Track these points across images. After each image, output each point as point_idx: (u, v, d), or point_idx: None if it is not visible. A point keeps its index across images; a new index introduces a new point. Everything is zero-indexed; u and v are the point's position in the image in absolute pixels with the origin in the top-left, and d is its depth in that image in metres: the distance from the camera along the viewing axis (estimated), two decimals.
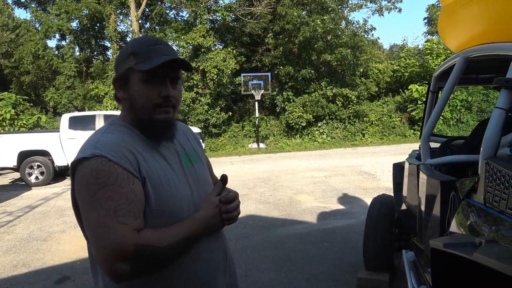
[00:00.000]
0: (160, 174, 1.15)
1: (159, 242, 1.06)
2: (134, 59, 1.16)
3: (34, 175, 9.80)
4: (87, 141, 1.16)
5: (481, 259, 1.12)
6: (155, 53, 1.15)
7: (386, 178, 8.05)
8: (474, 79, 3.34)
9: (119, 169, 1.07)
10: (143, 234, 1.05)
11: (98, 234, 1.03)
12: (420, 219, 2.47)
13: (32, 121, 15.75)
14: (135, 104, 1.18)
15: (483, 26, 2.08)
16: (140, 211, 1.09)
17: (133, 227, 1.04)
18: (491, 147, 1.63)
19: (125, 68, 1.18)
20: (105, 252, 1.02)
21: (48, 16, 18.08)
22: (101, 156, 1.07)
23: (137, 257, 1.02)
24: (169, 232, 1.10)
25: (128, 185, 1.07)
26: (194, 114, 16.21)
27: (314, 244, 4.61)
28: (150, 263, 1.06)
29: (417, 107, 16.69)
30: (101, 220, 1.02)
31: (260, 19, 17.07)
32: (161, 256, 1.07)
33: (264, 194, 7.43)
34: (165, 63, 1.13)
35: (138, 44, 1.20)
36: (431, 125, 2.65)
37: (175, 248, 1.09)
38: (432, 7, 22.97)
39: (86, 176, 1.06)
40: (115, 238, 1.01)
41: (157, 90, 1.15)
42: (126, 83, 1.18)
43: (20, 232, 5.72)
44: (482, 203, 1.55)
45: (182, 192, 1.19)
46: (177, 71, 1.20)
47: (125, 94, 1.19)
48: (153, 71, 1.13)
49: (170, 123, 1.20)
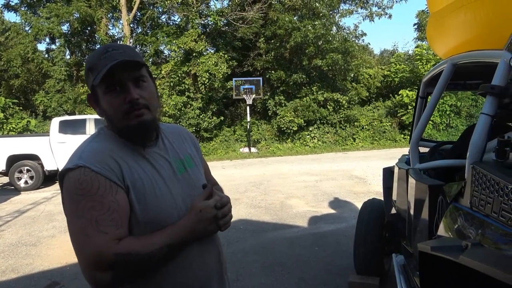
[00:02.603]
0: (145, 181, 1.15)
1: (140, 250, 1.05)
2: (91, 75, 1.15)
3: (24, 180, 9.69)
4: (75, 151, 1.17)
5: (467, 261, 1.14)
6: (106, 61, 1.12)
7: (377, 182, 8.11)
8: (462, 85, 3.39)
9: (101, 179, 1.07)
10: (123, 243, 1.05)
11: (79, 243, 1.05)
12: (409, 223, 2.50)
13: (22, 125, 15.58)
14: (109, 116, 1.18)
15: (470, 33, 2.12)
16: (123, 219, 1.09)
17: (114, 236, 1.04)
18: (477, 152, 1.66)
19: (90, 86, 1.18)
20: (86, 261, 1.03)
21: (38, 19, 17.93)
22: (84, 166, 1.08)
23: (117, 265, 1.02)
24: (151, 239, 1.09)
25: (110, 194, 1.07)
26: (186, 119, 16.16)
27: (305, 248, 4.62)
28: (131, 271, 1.06)
29: (408, 112, 16.83)
30: (83, 229, 1.04)
31: (252, 24, 17.11)
32: (142, 264, 1.07)
33: (256, 199, 7.44)
34: (111, 68, 1.10)
35: (91, 58, 1.18)
36: (420, 130, 2.68)
37: (157, 256, 1.08)
38: (422, 13, 23.21)
39: (70, 186, 1.08)
40: (95, 247, 1.02)
41: (122, 97, 1.13)
42: (97, 99, 1.18)
43: (9, 237, 5.66)
44: (468, 207, 1.58)
45: (169, 199, 1.18)
46: (137, 71, 1.16)
47: (100, 110, 1.19)
48: (109, 80, 1.11)
49: (146, 125, 1.17)
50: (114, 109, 1.14)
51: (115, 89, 1.13)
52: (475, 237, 1.43)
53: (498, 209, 1.33)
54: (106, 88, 1.13)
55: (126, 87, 1.14)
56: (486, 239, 1.38)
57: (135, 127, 1.15)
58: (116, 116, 1.15)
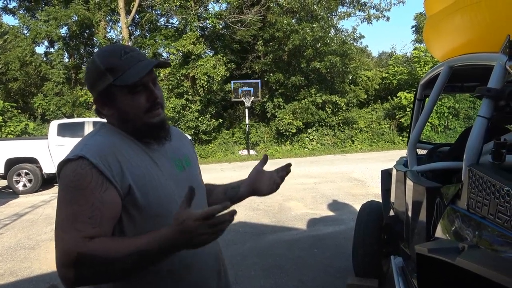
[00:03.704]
0: (148, 178, 1.15)
1: (105, 253, 1.01)
2: (111, 75, 1.14)
3: (22, 183, 9.68)
4: (78, 143, 1.18)
5: (464, 263, 1.15)
6: (129, 62, 1.14)
7: (375, 184, 8.11)
8: (460, 87, 3.41)
9: (95, 174, 1.07)
10: (93, 243, 1.02)
11: (56, 235, 1.06)
12: (407, 225, 2.50)
13: (20, 128, 15.58)
14: (126, 116, 1.18)
15: (466, 36, 2.14)
16: (105, 219, 1.07)
17: (86, 234, 1.03)
18: (474, 155, 1.68)
19: (104, 86, 1.16)
20: (57, 255, 1.04)
21: (36, 22, 17.93)
22: (84, 157, 1.07)
23: (80, 265, 1.01)
24: (124, 243, 1.04)
25: (98, 192, 1.06)
26: (184, 121, 16.17)
27: (303, 251, 4.62)
28: (94, 272, 1.02)
29: (406, 114, 16.87)
30: (62, 223, 1.06)
31: (250, 27, 17.16)
32: (108, 267, 1.02)
33: (254, 201, 7.43)
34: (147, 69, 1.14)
35: (108, 58, 1.16)
36: (417, 132, 2.70)
37: (126, 261, 1.01)
38: (419, 15, 23.26)
39: (64, 177, 1.10)
40: (65, 243, 1.03)
41: (144, 96, 1.17)
42: (109, 100, 1.18)
43: (7, 240, 5.65)
44: (465, 209, 1.59)
45: (171, 196, 1.18)
46: (154, 73, 1.20)
47: (111, 110, 1.19)
48: (139, 81, 1.14)
49: (165, 123, 1.23)
50: (136, 108, 1.17)
51: (139, 89, 1.17)
52: (472, 239, 1.44)
53: (495, 211, 1.34)
54: (134, 88, 1.16)
55: (148, 87, 1.18)
56: (483, 241, 1.39)
57: (156, 125, 1.20)
58: (137, 115, 1.17)
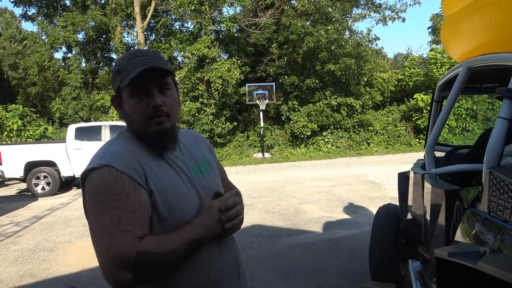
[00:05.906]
0: (168, 184, 1.17)
1: (161, 247, 1.06)
2: (119, 77, 1.18)
3: (41, 186, 9.85)
4: (96, 152, 1.19)
5: (485, 268, 1.13)
6: (135, 65, 1.15)
7: (392, 187, 8.02)
8: (478, 88, 3.35)
9: (125, 179, 1.09)
10: (145, 241, 1.06)
11: (101, 242, 1.05)
12: (425, 228, 2.47)
13: (39, 132, 15.90)
14: (131, 120, 1.20)
15: (485, 36, 2.10)
16: (146, 219, 1.10)
17: (136, 234, 1.05)
18: (495, 157, 1.64)
19: (115, 88, 1.21)
20: (108, 260, 1.04)
21: (54, 28, 18.31)
22: (109, 166, 1.09)
23: (139, 264, 1.03)
24: (171, 237, 1.10)
25: (134, 194, 1.08)
26: (199, 124, 16.26)
27: (319, 254, 4.59)
28: (152, 270, 1.06)
29: (422, 116, 16.65)
30: (106, 228, 1.05)
31: (265, 30, 17.19)
32: (163, 262, 1.07)
33: (270, 204, 7.42)
34: (141, 73, 1.13)
35: (121, 61, 1.22)
36: (435, 134, 2.66)
37: (177, 253, 1.08)
38: (436, 16, 23.02)
39: (93, 185, 1.09)
40: (117, 246, 1.03)
41: (146, 102, 1.16)
42: (121, 102, 1.21)
43: (26, 242, 5.75)
44: (486, 212, 1.56)
45: (190, 201, 1.20)
46: (162, 78, 1.19)
47: (123, 112, 1.22)
48: (135, 84, 1.14)
49: (165, 134, 1.19)
50: (137, 112, 1.17)
51: (140, 94, 1.17)
52: (494, 243, 1.40)
53: None
54: (132, 91, 1.16)
55: (151, 92, 1.17)
56: (505, 245, 1.35)
57: (154, 134, 1.18)
58: (137, 120, 1.18)
